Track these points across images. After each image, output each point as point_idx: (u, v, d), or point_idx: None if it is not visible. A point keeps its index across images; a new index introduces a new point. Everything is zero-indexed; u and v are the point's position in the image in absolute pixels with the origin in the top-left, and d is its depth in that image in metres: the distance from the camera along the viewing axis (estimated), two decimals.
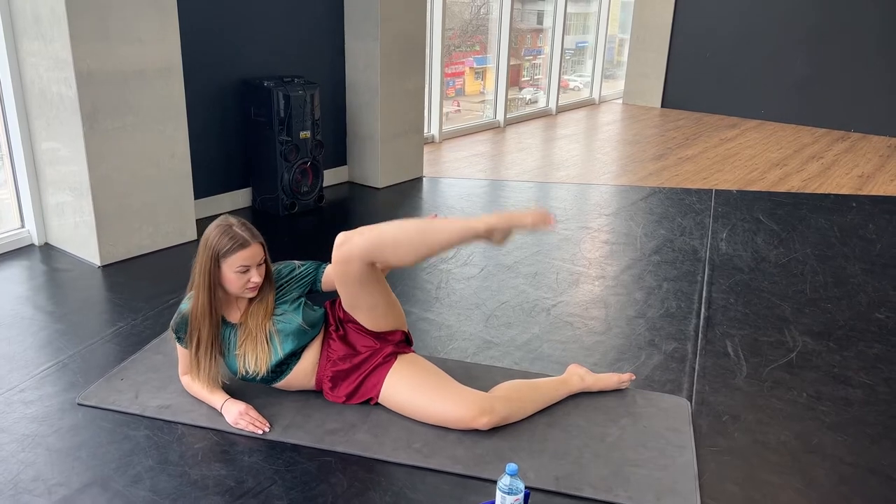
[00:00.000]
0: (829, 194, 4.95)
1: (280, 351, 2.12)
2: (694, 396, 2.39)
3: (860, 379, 2.53)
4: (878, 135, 7.17)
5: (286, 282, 2.16)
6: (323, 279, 2.17)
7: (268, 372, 2.14)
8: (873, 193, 5.00)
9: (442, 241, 2.01)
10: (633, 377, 2.43)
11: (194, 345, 2.10)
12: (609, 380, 2.37)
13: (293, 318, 2.13)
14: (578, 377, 2.34)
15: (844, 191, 5.06)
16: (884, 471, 2.04)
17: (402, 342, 2.23)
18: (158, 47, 3.32)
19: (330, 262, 2.17)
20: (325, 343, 2.20)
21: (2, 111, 3.37)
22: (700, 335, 2.82)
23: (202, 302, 2.05)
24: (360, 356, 2.17)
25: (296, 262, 2.21)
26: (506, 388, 2.22)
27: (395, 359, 2.17)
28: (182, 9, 3.56)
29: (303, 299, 2.17)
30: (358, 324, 2.18)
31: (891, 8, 6.93)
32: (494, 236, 2.00)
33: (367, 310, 2.13)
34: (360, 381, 2.17)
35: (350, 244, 1.98)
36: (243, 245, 2.02)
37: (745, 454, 2.09)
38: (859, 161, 6.02)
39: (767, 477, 1.99)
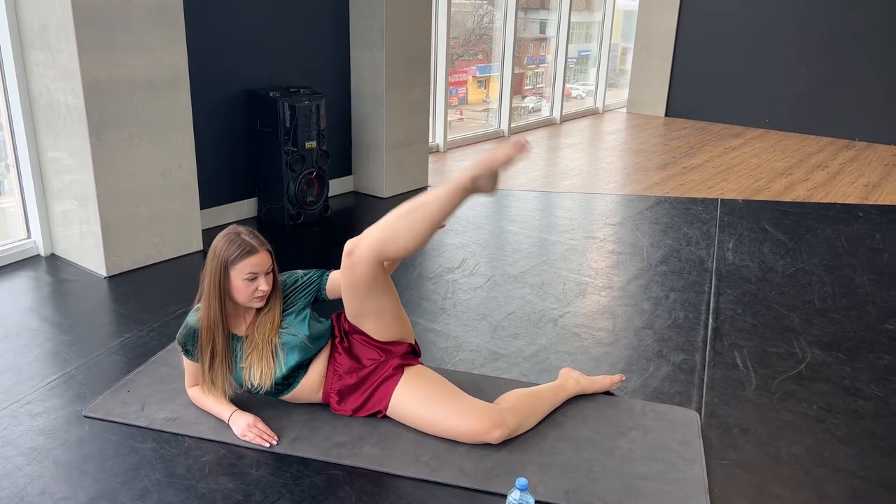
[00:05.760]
0: (836, 203, 4.93)
1: (283, 365, 2.11)
2: (703, 408, 2.37)
3: (871, 391, 2.51)
4: (883, 143, 7.16)
5: (291, 292, 2.16)
6: (328, 287, 2.16)
7: (272, 385, 2.13)
8: (880, 202, 4.99)
9: (435, 212, 1.98)
10: (624, 378, 2.47)
11: (207, 358, 2.09)
12: (602, 381, 2.42)
13: (298, 331, 2.12)
14: (574, 380, 2.37)
15: (850, 200, 5.04)
16: None
17: (408, 354, 2.21)
18: (166, 58, 3.33)
19: (333, 269, 2.18)
20: (331, 356, 2.19)
21: (9, 122, 3.37)
22: (708, 346, 2.81)
23: (213, 313, 2.04)
24: (366, 369, 2.16)
25: (299, 271, 2.21)
26: (511, 398, 2.21)
27: (403, 371, 2.16)
28: (189, 20, 3.57)
29: (308, 310, 2.16)
30: (363, 335, 2.17)
31: (895, 16, 6.92)
32: (482, 185, 2.00)
33: (374, 316, 2.12)
34: (368, 395, 2.16)
35: (359, 250, 2.00)
36: (251, 252, 2.02)
37: (755, 468, 2.07)
38: (865, 170, 6.01)
39: (779, 491, 1.98)
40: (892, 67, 7.02)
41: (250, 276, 2.03)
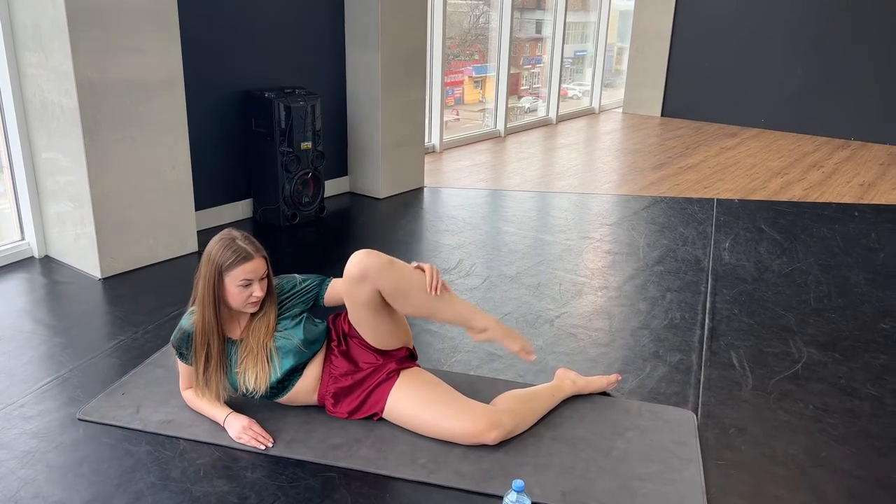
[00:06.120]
0: (831, 203, 4.94)
1: (278, 370, 2.10)
2: (700, 409, 2.37)
3: (867, 390, 2.51)
4: (878, 143, 7.18)
5: (288, 297, 2.14)
6: (326, 294, 2.15)
7: (267, 390, 2.12)
8: (875, 202, 5.00)
9: (444, 316, 2.10)
10: (620, 378, 2.48)
11: (202, 362, 2.08)
12: (599, 382, 2.42)
13: (293, 335, 2.11)
14: (570, 381, 2.37)
15: (846, 199, 5.05)
16: (893, 485, 2.02)
17: (405, 358, 2.21)
18: (160, 59, 3.32)
19: (332, 277, 2.17)
20: (327, 359, 2.18)
21: (2, 123, 3.36)
22: (705, 346, 2.81)
23: (207, 318, 2.03)
24: (363, 372, 2.15)
25: (297, 276, 2.19)
26: (508, 399, 2.20)
27: (399, 375, 2.15)
28: (183, 20, 3.55)
29: (305, 314, 2.15)
30: (362, 339, 2.16)
31: (889, 16, 6.94)
32: (482, 334, 2.11)
33: (370, 329, 2.12)
34: (364, 397, 2.15)
35: (366, 265, 1.98)
36: (246, 258, 2.01)
37: (752, 468, 2.07)
38: (860, 169, 6.02)
39: (775, 491, 1.97)
40: (887, 67, 7.04)
41: (245, 283, 2.01)
